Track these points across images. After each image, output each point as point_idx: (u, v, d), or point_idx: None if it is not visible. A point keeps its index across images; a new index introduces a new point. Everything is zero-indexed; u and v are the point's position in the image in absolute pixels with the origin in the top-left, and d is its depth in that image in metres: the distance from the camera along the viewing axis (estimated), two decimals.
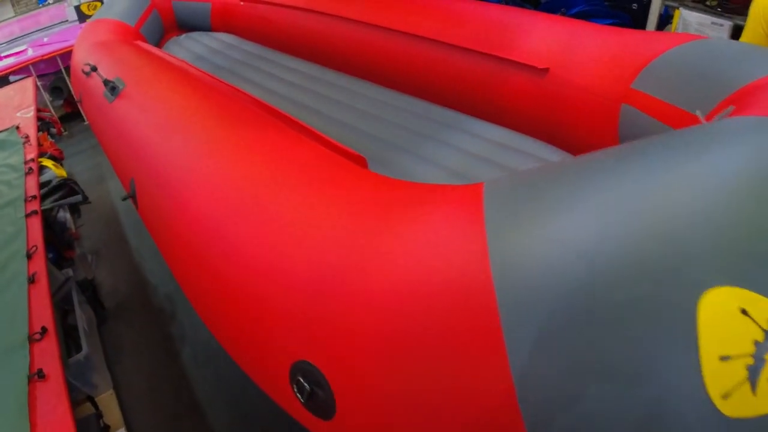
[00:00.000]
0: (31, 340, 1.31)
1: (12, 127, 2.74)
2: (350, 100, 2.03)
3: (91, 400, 1.84)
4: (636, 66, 1.39)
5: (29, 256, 1.67)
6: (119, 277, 2.82)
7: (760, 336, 0.53)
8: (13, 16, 9.95)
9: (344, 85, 2.26)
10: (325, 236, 0.81)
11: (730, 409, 0.53)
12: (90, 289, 2.49)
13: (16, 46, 5.06)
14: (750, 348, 0.53)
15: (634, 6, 2.50)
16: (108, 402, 1.93)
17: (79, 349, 1.87)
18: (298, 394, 0.80)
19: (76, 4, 5.40)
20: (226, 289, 1.01)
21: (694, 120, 1.17)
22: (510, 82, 1.69)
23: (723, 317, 0.54)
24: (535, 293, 0.59)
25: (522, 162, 1.49)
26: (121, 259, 2.93)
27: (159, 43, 3.52)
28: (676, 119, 1.18)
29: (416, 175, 1.49)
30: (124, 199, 1.64)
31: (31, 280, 1.55)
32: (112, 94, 1.86)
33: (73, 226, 2.72)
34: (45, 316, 1.41)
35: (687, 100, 1.17)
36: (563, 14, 2.50)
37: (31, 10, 9.78)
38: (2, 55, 4.82)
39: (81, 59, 2.61)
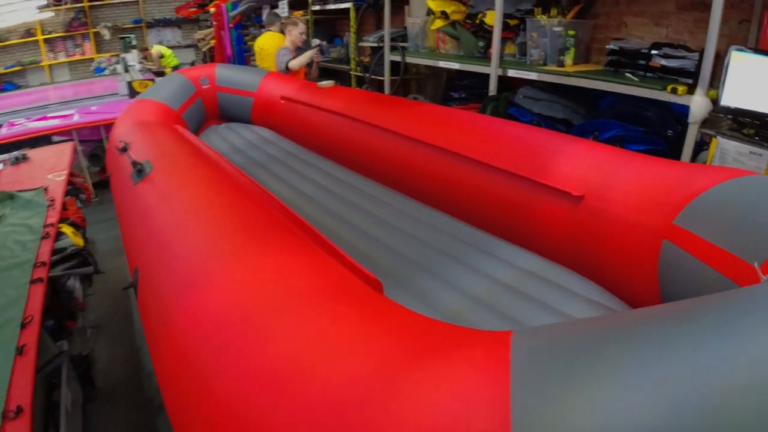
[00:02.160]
0: (5, 416, 1.19)
1: (41, 188, 2.76)
2: (377, 209, 1.98)
3: None
4: (679, 200, 1.31)
5: (23, 326, 1.58)
6: (116, 356, 2.69)
7: None
8: (69, 80, 10.69)
9: (373, 193, 2.22)
10: (336, 371, 0.70)
11: None
12: (83, 366, 2.36)
13: (66, 109, 5.28)
14: None
15: (670, 133, 2.48)
16: None
17: (57, 427, 1.71)
18: None
19: (129, 80, 5.72)
20: (214, 406, 0.89)
21: (746, 267, 1.07)
22: (543, 208, 1.62)
23: None
24: None
25: (552, 295, 1.38)
26: (122, 338, 2.82)
27: (199, 129, 3.64)
28: (723, 263, 1.08)
29: (435, 300, 1.38)
30: (125, 288, 1.56)
31: (20, 351, 1.45)
32: (138, 177, 1.85)
33: (81, 296, 2.65)
34: (24, 394, 1.29)
35: (735, 243, 1.07)
36: (596, 138, 2.49)
37: (86, 78, 10.48)
38: (50, 115, 5.03)
39: (118, 135, 2.68)
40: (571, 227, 1.55)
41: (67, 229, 2.52)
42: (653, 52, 2.67)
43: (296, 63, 3.77)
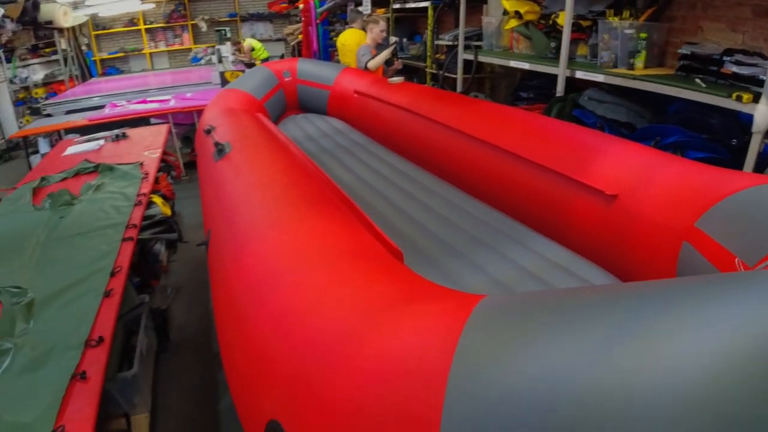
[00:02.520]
0: (87, 344, 1.47)
1: (137, 163, 3.17)
2: (424, 195, 2.15)
3: (126, 417, 1.97)
4: (704, 203, 1.35)
5: (112, 274, 1.89)
6: (191, 315, 3.04)
7: None
8: (168, 68, 11.60)
9: (423, 181, 2.40)
10: (327, 313, 0.88)
11: None
12: (160, 319, 2.70)
13: (164, 94, 5.84)
14: None
15: (734, 142, 2.42)
16: (141, 423, 2.04)
17: (131, 367, 2.03)
18: None
19: (222, 70, 6.19)
20: (244, 341, 1.09)
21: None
22: (578, 205, 1.70)
23: None
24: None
25: (572, 285, 1.47)
26: (198, 301, 3.17)
27: (279, 118, 3.95)
28: (730, 268, 1.14)
29: (458, 279, 1.52)
30: (198, 245, 1.83)
31: (107, 294, 1.74)
32: (218, 155, 2.13)
33: (165, 260, 3.02)
34: (106, 328, 1.57)
35: (741, 247, 1.13)
36: (657, 143, 2.48)
37: (184, 66, 11.33)
38: (149, 99, 5.59)
39: (206, 119, 3.01)
40: (601, 224, 1.62)
41: (157, 200, 2.88)
42: (725, 58, 2.59)
43: (373, 64, 3.97)
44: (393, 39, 4.37)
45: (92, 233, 2.27)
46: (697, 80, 2.61)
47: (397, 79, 3.27)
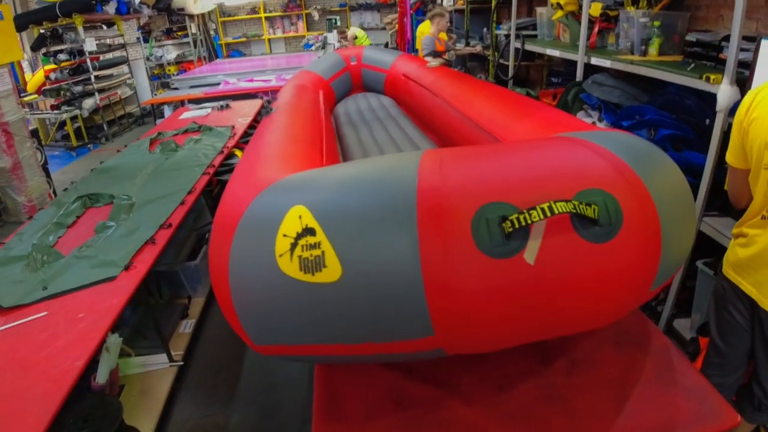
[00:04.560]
0: (161, 226, 2.32)
1: (230, 126, 4.10)
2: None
3: (189, 298, 2.84)
4: None
5: (189, 192, 2.75)
6: None
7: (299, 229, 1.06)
8: (283, 52, 12.90)
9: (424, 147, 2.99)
10: None
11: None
12: None
13: (270, 76, 6.82)
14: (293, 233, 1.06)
15: (708, 121, 2.62)
16: (198, 304, 2.91)
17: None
18: None
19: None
20: None
21: None
22: None
23: (289, 217, 1.09)
24: None
25: None
26: None
27: (345, 95, 4.69)
28: None
29: None
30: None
31: (182, 203, 2.60)
32: (266, 114, 2.90)
33: None
34: (176, 219, 2.42)
35: None
36: (638, 120, 2.80)
37: (298, 51, 12.55)
38: (256, 78, 6.60)
39: (280, 93, 3.83)
40: None
41: (238, 152, 3.76)
42: (723, 44, 2.81)
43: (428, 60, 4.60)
44: (456, 48, 4.89)
45: (184, 169, 3.17)
46: (692, 65, 2.86)
47: (435, 63, 3.83)
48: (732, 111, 2.42)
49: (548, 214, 0.90)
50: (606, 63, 3.26)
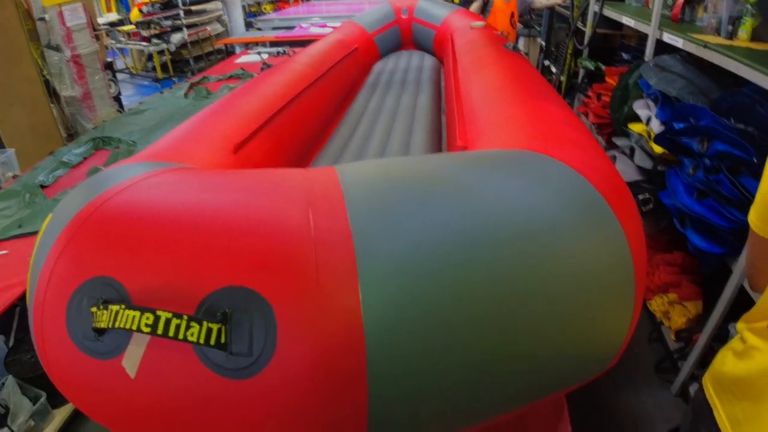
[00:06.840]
0: None
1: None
2: None
3: None
4: None
5: None
6: None
7: None
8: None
9: None
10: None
11: None
12: None
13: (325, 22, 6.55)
14: None
15: None
16: None
17: None
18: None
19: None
20: None
21: None
22: None
23: None
24: None
25: None
26: None
27: (393, 51, 4.33)
28: None
29: None
30: None
31: None
32: (262, 70, 2.71)
33: None
34: None
35: None
36: (693, 124, 2.23)
37: None
38: (329, 24, 6.31)
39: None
40: None
41: None
42: None
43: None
44: None
45: None
46: None
47: (479, 24, 3.37)
48: None
49: (143, 329, 0.58)
50: (678, 42, 2.63)
